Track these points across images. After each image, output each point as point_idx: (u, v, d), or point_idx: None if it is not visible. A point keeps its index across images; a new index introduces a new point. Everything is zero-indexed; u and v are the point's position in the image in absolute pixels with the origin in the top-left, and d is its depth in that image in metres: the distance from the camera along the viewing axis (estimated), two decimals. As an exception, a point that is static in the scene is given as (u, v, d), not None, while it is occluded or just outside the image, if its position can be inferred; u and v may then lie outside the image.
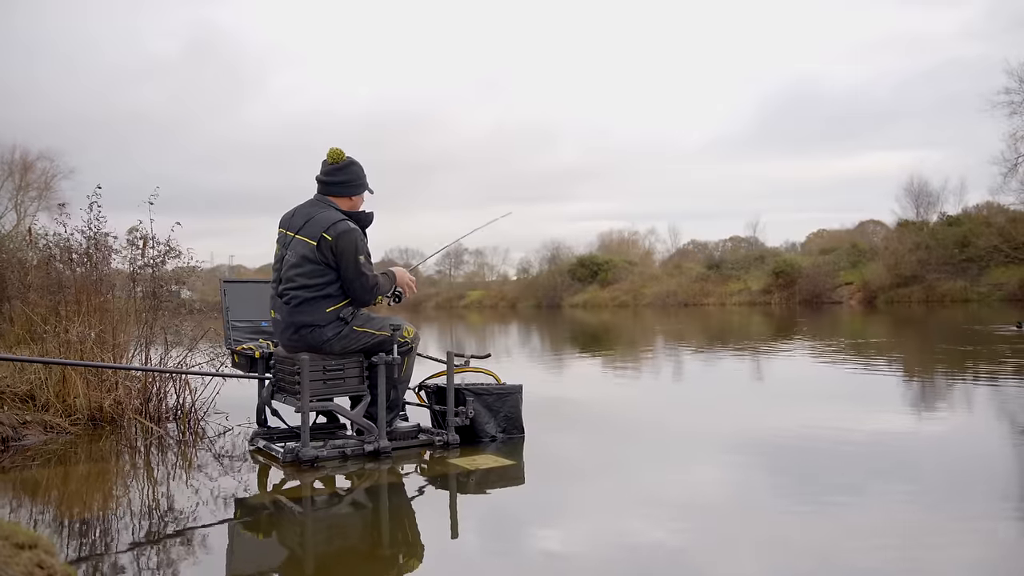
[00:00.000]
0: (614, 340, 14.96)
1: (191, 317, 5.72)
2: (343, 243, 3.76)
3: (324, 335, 3.83)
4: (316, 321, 3.81)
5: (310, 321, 3.82)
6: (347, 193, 3.98)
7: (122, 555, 2.53)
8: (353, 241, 3.79)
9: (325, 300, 3.82)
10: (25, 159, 35.29)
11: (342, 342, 3.86)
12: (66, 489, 3.49)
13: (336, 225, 3.79)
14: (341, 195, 3.97)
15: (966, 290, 29.57)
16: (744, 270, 39.20)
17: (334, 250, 3.76)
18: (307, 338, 3.85)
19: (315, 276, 3.80)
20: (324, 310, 3.82)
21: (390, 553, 2.61)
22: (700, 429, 4.74)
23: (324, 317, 3.82)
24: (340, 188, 3.96)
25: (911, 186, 36.13)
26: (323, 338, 3.83)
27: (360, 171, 4.03)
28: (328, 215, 3.84)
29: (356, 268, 3.79)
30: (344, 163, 3.98)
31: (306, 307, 3.81)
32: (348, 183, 3.97)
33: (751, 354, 9.98)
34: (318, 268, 3.79)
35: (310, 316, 3.81)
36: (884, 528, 2.66)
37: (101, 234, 5.24)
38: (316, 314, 3.81)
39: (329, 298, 3.83)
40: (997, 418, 4.97)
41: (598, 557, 2.47)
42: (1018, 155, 30.67)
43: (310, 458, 3.72)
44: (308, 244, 3.79)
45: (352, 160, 4.01)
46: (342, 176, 3.97)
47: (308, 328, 3.83)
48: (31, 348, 5.36)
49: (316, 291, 3.80)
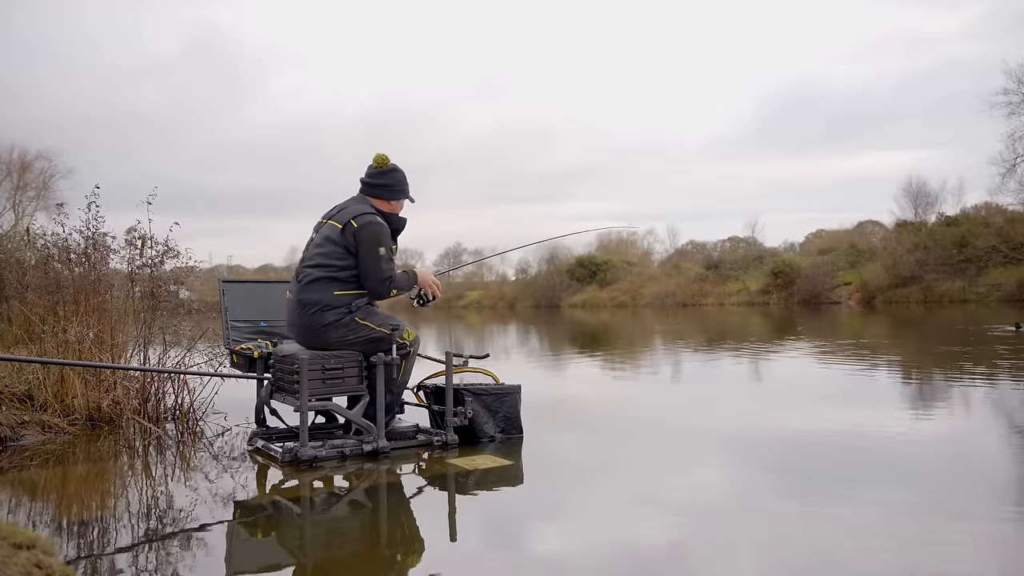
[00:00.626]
0: (613, 340, 14.96)
1: (189, 317, 5.72)
2: (366, 232, 3.91)
3: (325, 318, 3.88)
4: (322, 300, 3.89)
5: (316, 299, 3.90)
6: (387, 196, 4.14)
7: (120, 555, 2.52)
8: (376, 233, 3.93)
9: (335, 283, 3.91)
10: (23, 159, 35.28)
11: (340, 331, 3.88)
12: (64, 489, 3.49)
13: (364, 215, 3.96)
14: (381, 197, 4.13)
15: (964, 290, 29.58)
16: (743, 270, 39.19)
17: (356, 237, 3.90)
18: (310, 318, 3.90)
19: (333, 258, 3.92)
20: (332, 292, 3.90)
21: (389, 553, 2.60)
22: (699, 429, 4.74)
23: (331, 299, 3.89)
24: (381, 191, 4.13)
25: (909, 186, 36.19)
26: (324, 321, 3.88)
27: (402, 178, 4.19)
28: (361, 207, 4.03)
29: (374, 256, 3.90)
30: (388, 168, 4.16)
31: (316, 285, 3.92)
32: (389, 187, 4.14)
33: (749, 354, 9.99)
34: (338, 251, 3.92)
35: (317, 294, 3.90)
36: (883, 529, 2.66)
37: (99, 234, 5.24)
38: (323, 293, 3.90)
39: (340, 282, 3.92)
40: (997, 419, 4.97)
41: (597, 557, 2.47)
42: (1016, 155, 30.72)
43: (309, 458, 3.72)
44: (335, 227, 3.97)
45: (396, 167, 4.19)
46: (384, 180, 4.14)
47: (313, 306, 3.90)
48: (29, 348, 5.36)
49: (330, 271, 3.92)
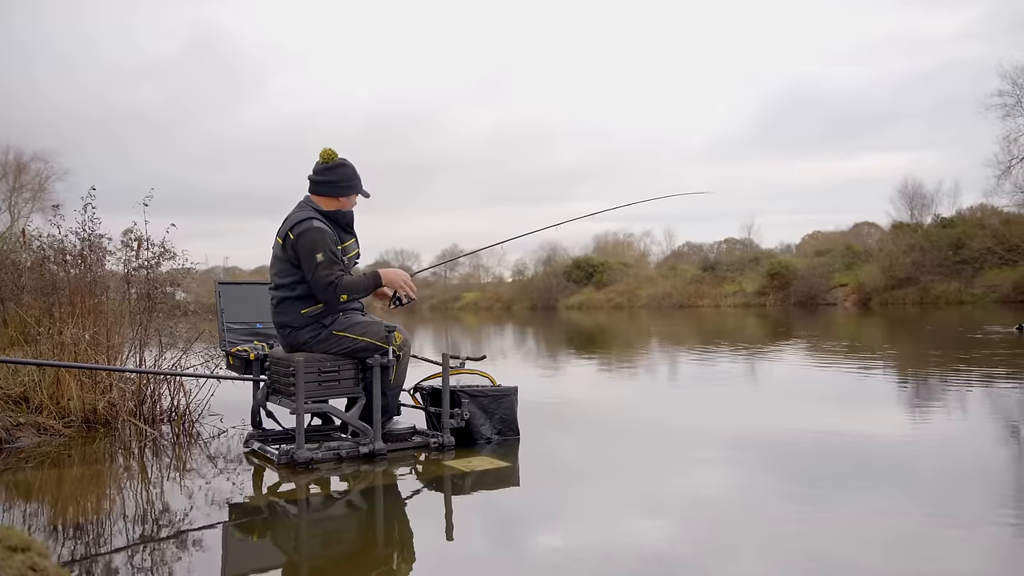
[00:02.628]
0: (610, 342, 14.97)
1: (186, 319, 5.71)
2: (303, 241, 3.78)
3: (300, 337, 3.87)
4: (292, 323, 3.87)
5: (287, 321, 3.88)
6: (335, 193, 3.97)
7: (116, 558, 2.52)
8: (312, 240, 3.77)
9: (299, 301, 3.85)
10: (19, 160, 35.21)
11: (321, 345, 3.87)
12: (60, 492, 3.47)
13: (300, 224, 3.82)
14: (328, 195, 3.97)
15: (960, 292, 29.66)
16: (739, 272, 39.27)
17: (296, 248, 3.80)
18: (290, 340, 3.91)
19: (286, 275, 3.87)
20: (299, 311, 3.86)
21: (385, 555, 2.60)
22: (696, 430, 4.74)
23: (300, 319, 3.86)
24: (327, 188, 3.97)
25: (905, 188, 36.30)
26: (301, 340, 3.87)
27: (351, 173, 4.01)
28: (297, 214, 3.89)
29: (312, 265, 3.76)
30: (335, 164, 3.98)
31: (284, 307, 3.89)
32: (336, 183, 3.97)
33: (747, 356, 10.00)
34: (287, 267, 3.86)
35: (287, 316, 3.88)
36: (883, 531, 2.66)
37: (95, 235, 5.23)
38: (291, 315, 3.87)
39: (302, 299, 3.85)
40: (999, 422, 4.98)
41: (594, 558, 2.46)
42: (1011, 157, 30.82)
43: (305, 460, 3.71)
44: (279, 243, 3.90)
45: (344, 161, 4.01)
46: (331, 176, 3.97)
47: (287, 329, 3.89)
48: (25, 350, 5.35)
49: (290, 291, 3.86)
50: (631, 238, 52.02)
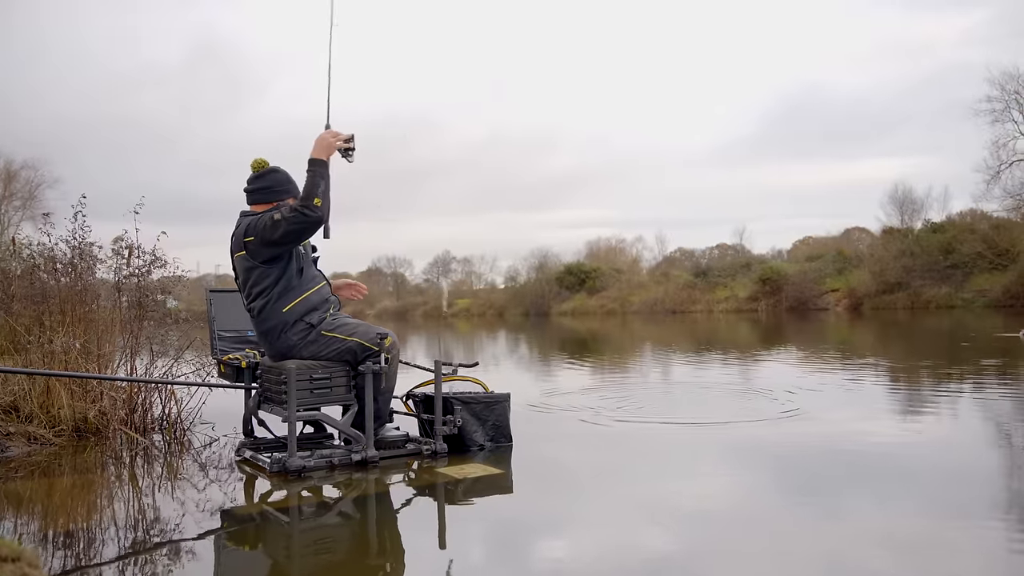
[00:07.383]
0: (602, 347, 14.98)
1: (177, 327, 5.69)
2: (257, 227, 3.80)
3: (289, 340, 3.86)
4: (277, 324, 3.87)
5: (272, 325, 3.88)
6: (269, 199, 3.99)
7: (106, 568, 2.50)
8: (262, 219, 3.79)
9: (280, 300, 3.86)
10: (9, 168, 35.07)
11: (310, 348, 3.87)
12: (50, 501, 3.45)
13: (248, 227, 3.85)
14: (262, 202, 4.00)
15: (951, 296, 29.85)
16: (731, 277, 39.41)
17: (258, 242, 3.80)
18: (277, 345, 3.90)
19: (262, 279, 3.87)
20: (281, 310, 3.86)
21: (377, 563, 2.60)
22: (691, 436, 4.74)
23: (284, 316, 3.85)
24: (260, 195, 4.02)
25: (895, 193, 36.51)
26: (289, 343, 3.87)
27: (283, 178, 4.05)
28: (242, 224, 3.92)
29: (275, 220, 3.70)
30: (265, 171, 4.04)
31: (266, 312, 3.88)
32: (268, 189, 4.01)
33: (740, 360, 10.01)
34: (261, 270, 3.86)
35: (271, 321, 3.87)
36: (886, 535, 2.67)
37: (86, 244, 5.22)
38: (275, 317, 3.86)
39: (283, 297, 3.86)
40: (1000, 425, 4.99)
41: (588, 565, 2.47)
42: (1000, 162, 31.06)
43: (297, 468, 3.71)
44: (242, 256, 3.90)
45: (276, 168, 4.07)
46: (262, 183, 4.02)
47: (274, 333, 3.89)
48: (14, 359, 5.31)
49: (268, 294, 3.86)
50: (623, 244, 52.18)
